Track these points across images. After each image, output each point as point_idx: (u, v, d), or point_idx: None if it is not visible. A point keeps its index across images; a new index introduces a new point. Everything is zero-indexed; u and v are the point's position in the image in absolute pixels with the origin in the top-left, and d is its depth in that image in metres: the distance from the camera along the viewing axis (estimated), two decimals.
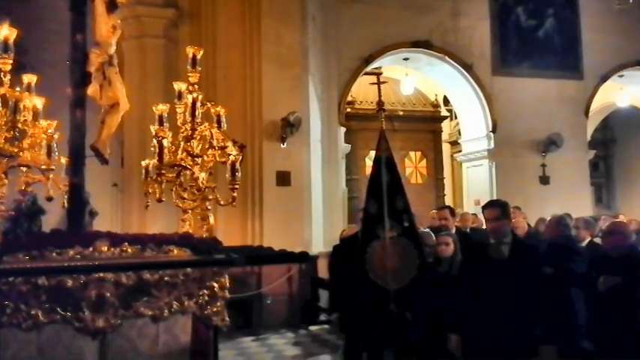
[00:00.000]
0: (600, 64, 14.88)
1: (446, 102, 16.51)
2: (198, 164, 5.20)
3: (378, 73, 15.28)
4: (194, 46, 5.58)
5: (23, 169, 4.90)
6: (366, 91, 15.22)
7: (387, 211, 5.27)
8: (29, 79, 5.03)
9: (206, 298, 4.06)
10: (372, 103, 15.14)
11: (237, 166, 5.09)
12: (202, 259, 4.03)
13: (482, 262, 4.63)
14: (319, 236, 11.24)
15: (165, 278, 3.93)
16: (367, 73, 14.30)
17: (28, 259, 3.66)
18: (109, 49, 4.77)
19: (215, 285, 4.13)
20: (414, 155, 15.69)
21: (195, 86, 5.25)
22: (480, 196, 14.46)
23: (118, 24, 4.89)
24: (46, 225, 6.62)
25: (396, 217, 5.30)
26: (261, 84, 10.64)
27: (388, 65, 14.36)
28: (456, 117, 16.46)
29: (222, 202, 5.27)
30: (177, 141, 5.28)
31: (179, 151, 5.23)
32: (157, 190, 5.22)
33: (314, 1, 11.86)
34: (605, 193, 20.28)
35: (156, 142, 5.10)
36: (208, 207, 5.24)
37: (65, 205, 4.66)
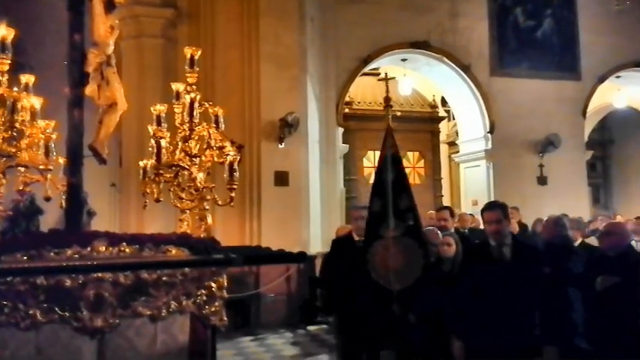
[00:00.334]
0: (598, 64, 14.91)
1: (444, 103, 16.53)
2: (196, 164, 5.20)
3: (377, 74, 15.39)
4: (192, 46, 5.57)
5: (21, 169, 4.89)
6: (364, 92, 15.23)
7: (392, 210, 5.14)
8: (27, 79, 5.02)
9: (204, 298, 4.07)
10: (370, 103, 15.18)
11: (235, 167, 5.08)
12: (200, 258, 4.04)
13: (484, 264, 4.58)
14: (317, 236, 11.25)
15: (164, 278, 3.93)
16: (365, 74, 14.33)
17: (26, 258, 3.65)
18: (107, 49, 4.77)
19: (213, 285, 4.14)
20: (412, 156, 15.70)
21: (194, 86, 5.25)
22: (478, 197, 14.49)
23: (116, 24, 4.88)
24: (44, 225, 6.61)
25: (401, 215, 5.17)
26: (260, 84, 10.64)
27: (386, 66, 14.36)
28: (453, 118, 16.49)
29: (221, 202, 5.26)
30: (175, 141, 5.28)
31: (177, 152, 5.22)
32: (154, 190, 5.21)
33: (312, 2, 11.87)
34: (602, 193, 20.31)
35: (154, 142, 5.10)
36: (206, 207, 5.23)
37: (63, 205, 4.65)
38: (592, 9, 14.88)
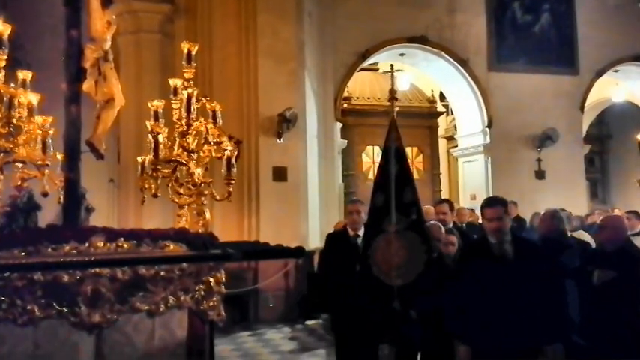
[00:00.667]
0: (596, 59, 14.90)
1: (442, 98, 16.52)
2: (193, 160, 5.21)
3: (376, 69, 15.39)
4: (190, 41, 5.58)
5: (19, 165, 4.89)
6: (363, 87, 15.23)
7: (395, 204, 5.00)
8: (24, 75, 5.02)
9: (202, 293, 4.07)
10: (368, 98, 15.18)
11: (233, 162, 5.10)
12: (198, 254, 4.04)
13: (486, 262, 4.46)
14: (316, 231, 11.26)
15: (161, 273, 3.94)
16: (364, 69, 14.32)
17: (23, 254, 3.66)
18: (104, 44, 4.77)
19: (211, 280, 4.14)
20: (411, 151, 15.69)
21: (191, 82, 5.25)
22: (476, 191, 14.52)
23: (113, 19, 4.89)
24: (43, 221, 6.63)
25: (404, 209, 5.01)
26: (257, 79, 10.64)
27: (385, 61, 14.36)
28: (452, 112, 16.48)
29: (218, 198, 5.27)
30: (172, 137, 5.29)
31: (175, 147, 5.23)
32: (152, 185, 5.22)
33: None
34: (600, 188, 20.35)
35: (151, 137, 5.10)
36: (204, 202, 5.24)
37: (61, 200, 4.66)
38: (589, 3, 14.86)
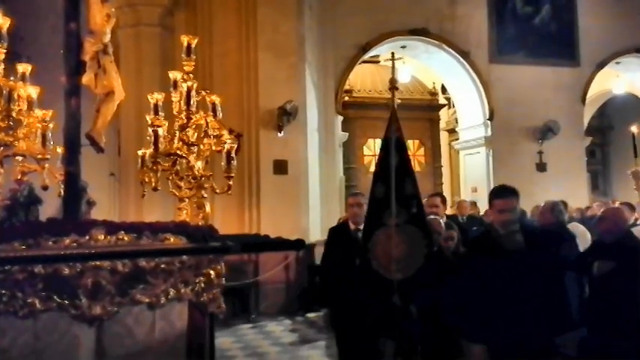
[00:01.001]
0: (597, 51, 14.87)
1: (444, 90, 16.51)
2: (194, 153, 5.21)
3: (377, 61, 15.36)
4: (190, 34, 5.58)
5: (19, 159, 4.89)
6: (363, 80, 15.21)
7: (395, 196, 4.86)
8: (24, 68, 5.01)
9: (202, 286, 4.07)
10: (369, 91, 15.16)
11: (233, 155, 5.10)
12: (198, 246, 4.05)
13: (495, 255, 4.26)
14: (316, 224, 11.27)
15: (161, 266, 3.94)
16: (365, 62, 14.30)
17: (24, 247, 3.67)
18: (103, 37, 4.76)
19: (211, 272, 4.14)
20: (412, 143, 15.68)
21: (191, 75, 5.25)
22: (477, 184, 14.53)
23: (113, 12, 4.88)
24: (43, 215, 6.63)
25: (404, 202, 4.88)
26: (258, 73, 10.63)
27: (385, 53, 14.33)
28: (453, 105, 16.47)
29: (219, 191, 5.28)
30: (172, 130, 5.29)
31: (175, 140, 5.24)
32: (152, 179, 5.23)
33: None
34: (601, 180, 20.33)
35: (151, 131, 5.11)
36: (205, 195, 5.24)
37: (61, 194, 4.66)
38: None
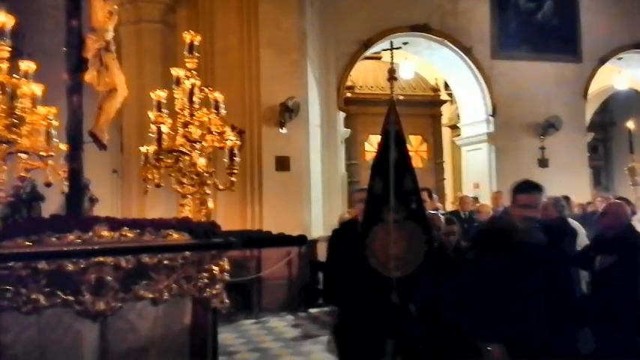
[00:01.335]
0: (599, 46, 14.84)
1: (446, 86, 16.51)
2: (196, 150, 5.23)
3: (379, 57, 15.36)
4: (191, 31, 5.58)
5: (22, 156, 4.91)
6: (365, 76, 15.22)
7: (394, 192, 4.70)
8: (27, 66, 5.03)
9: (205, 281, 4.10)
10: (371, 87, 15.18)
11: (236, 151, 5.13)
12: (200, 242, 4.07)
13: (514, 250, 4.04)
14: (319, 220, 11.30)
15: (165, 262, 3.96)
16: (367, 58, 14.29)
17: (28, 243, 3.69)
18: (105, 34, 4.78)
19: (214, 268, 4.17)
20: (414, 139, 15.70)
21: (193, 72, 5.27)
22: (480, 180, 14.53)
23: (115, 9, 4.89)
24: (46, 211, 6.66)
25: (404, 198, 4.73)
26: (260, 69, 10.64)
27: (387, 50, 14.31)
28: (455, 101, 16.47)
29: (221, 187, 5.30)
30: (175, 127, 5.31)
31: (178, 137, 5.26)
32: (155, 175, 5.25)
33: None
34: (604, 175, 20.33)
35: (155, 128, 5.12)
36: (207, 192, 5.27)
37: (64, 190, 4.69)
38: None
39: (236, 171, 5.19)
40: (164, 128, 5.20)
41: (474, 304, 4.17)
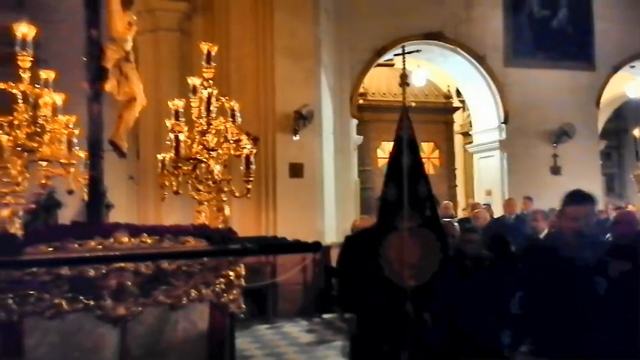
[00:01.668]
0: (612, 54, 14.81)
1: (458, 93, 16.53)
2: (213, 157, 5.29)
3: (392, 64, 15.42)
4: (207, 38, 5.68)
5: (42, 164, 5.00)
6: (379, 83, 15.29)
7: (408, 199, 4.65)
8: (47, 75, 5.12)
9: (222, 287, 4.19)
10: (384, 94, 15.25)
11: (252, 159, 5.19)
12: (218, 248, 4.16)
13: (564, 268, 3.83)
14: (332, 227, 11.35)
15: (183, 267, 4.06)
16: (380, 65, 14.36)
17: (50, 250, 3.78)
18: (125, 45, 4.87)
19: (231, 274, 4.26)
20: (427, 146, 15.74)
21: (210, 82, 5.33)
22: (492, 187, 14.55)
23: (134, 20, 4.98)
24: (63, 218, 6.74)
25: (418, 205, 4.68)
26: (274, 77, 10.71)
27: (400, 57, 14.35)
28: (467, 108, 16.49)
29: (238, 194, 5.36)
30: (192, 135, 5.38)
31: (195, 145, 5.32)
32: (173, 182, 5.32)
33: None
34: (617, 182, 20.25)
35: (172, 136, 5.19)
36: (224, 199, 5.33)
37: (85, 197, 4.78)
38: None
39: (252, 178, 5.24)
40: (182, 136, 5.27)
41: (526, 322, 4.06)
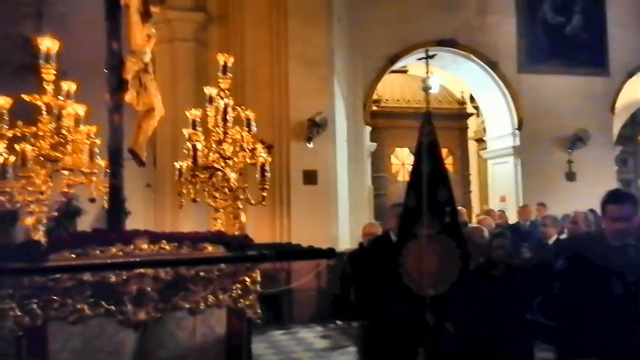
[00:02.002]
0: (626, 60, 14.79)
1: (472, 99, 16.56)
2: (229, 166, 5.41)
3: (405, 71, 15.50)
4: (223, 48, 5.79)
5: (65, 172, 5.13)
6: (392, 90, 15.35)
7: (427, 205, 4.57)
8: (68, 86, 5.26)
9: (239, 292, 4.29)
10: (398, 101, 15.30)
11: (267, 168, 5.29)
12: (236, 255, 4.26)
13: (606, 271, 3.64)
14: (346, 233, 11.42)
15: (201, 273, 4.17)
16: (394, 71, 14.43)
17: (73, 256, 3.90)
18: (144, 57, 5.00)
19: (247, 279, 4.36)
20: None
21: (227, 92, 5.45)
22: (506, 193, 14.56)
23: (153, 33, 5.11)
24: (82, 225, 6.87)
25: (437, 211, 4.60)
26: (289, 85, 10.84)
27: (414, 64, 14.45)
28: (481, 114, 16.51)
29: (253, 202, 5.47)
30: (209, 144, 5.49)
31: (211, 154, 5.44)
32: (191, 190, 5.44)
33: (340, 1, 11.99)
34: (634, 188, 20.15)
35: (190, 145, 5.31)
36: (240, 206, 5.43)
37: (105, 205, 4.90)
38: (621, 4, 14.78)
39: (267, 186, 5.34)
40: (199, 145, 5.38)
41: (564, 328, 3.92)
